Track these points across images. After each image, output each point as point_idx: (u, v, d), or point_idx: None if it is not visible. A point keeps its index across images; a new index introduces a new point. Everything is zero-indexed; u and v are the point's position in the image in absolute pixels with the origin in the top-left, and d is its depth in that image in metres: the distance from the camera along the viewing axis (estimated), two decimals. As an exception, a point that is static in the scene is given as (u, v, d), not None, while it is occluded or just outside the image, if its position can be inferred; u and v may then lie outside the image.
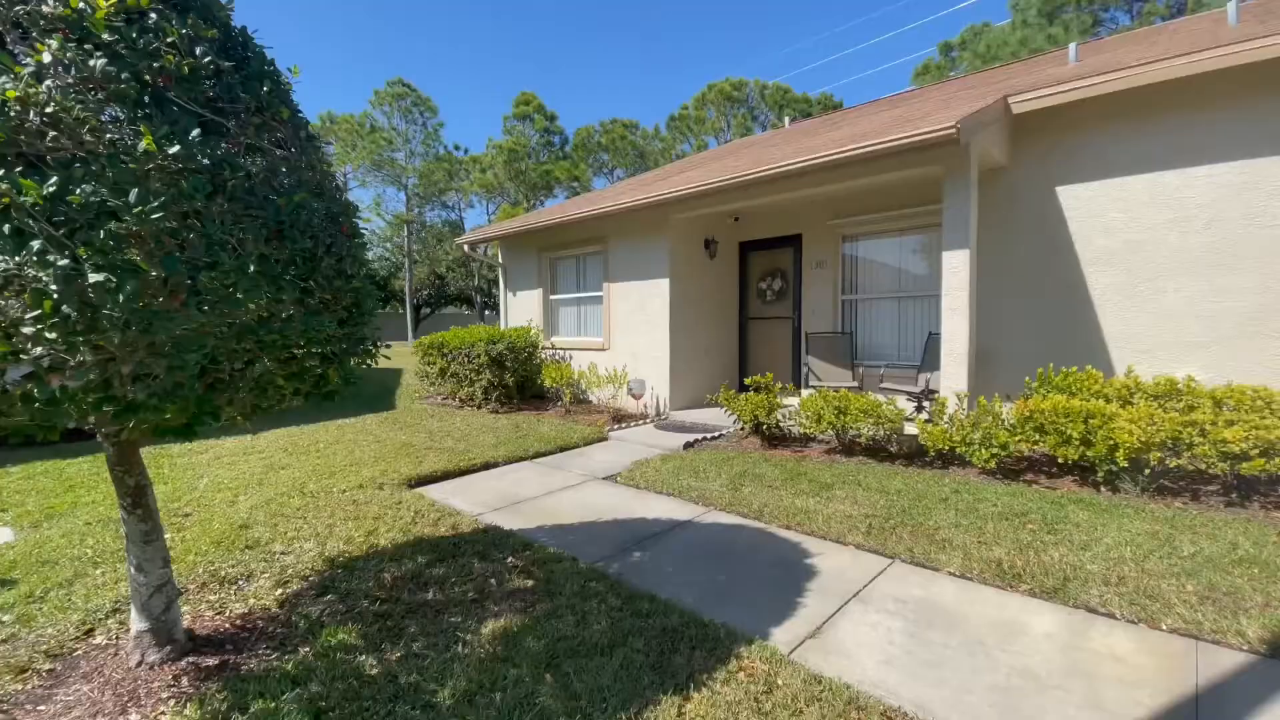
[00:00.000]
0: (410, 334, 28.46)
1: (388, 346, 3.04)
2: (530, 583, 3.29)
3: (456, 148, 30.62)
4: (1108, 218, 5.91)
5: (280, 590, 3.31)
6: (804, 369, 7.22)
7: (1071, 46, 7.24)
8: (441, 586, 3.25)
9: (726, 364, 8.94)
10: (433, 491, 5.09)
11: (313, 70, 49.57)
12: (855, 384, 6.98)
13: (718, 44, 59.30)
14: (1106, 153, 5.88)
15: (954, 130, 4.73)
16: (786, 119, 14.44)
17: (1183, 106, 5.46)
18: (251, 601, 3.22)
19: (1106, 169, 5.89)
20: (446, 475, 5.53)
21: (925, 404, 6.21)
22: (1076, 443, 4.30)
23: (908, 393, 6.30)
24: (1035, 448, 4.60)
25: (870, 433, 5.22)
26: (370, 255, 35.59)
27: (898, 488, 4.50)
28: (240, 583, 3.42)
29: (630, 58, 64.67)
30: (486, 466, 5.84)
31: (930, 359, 6.70)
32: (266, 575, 3.47)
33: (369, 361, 2.65)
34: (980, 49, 20.57)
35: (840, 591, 3.17)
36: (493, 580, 3.31)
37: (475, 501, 4.81)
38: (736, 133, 26.90)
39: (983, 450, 4.64)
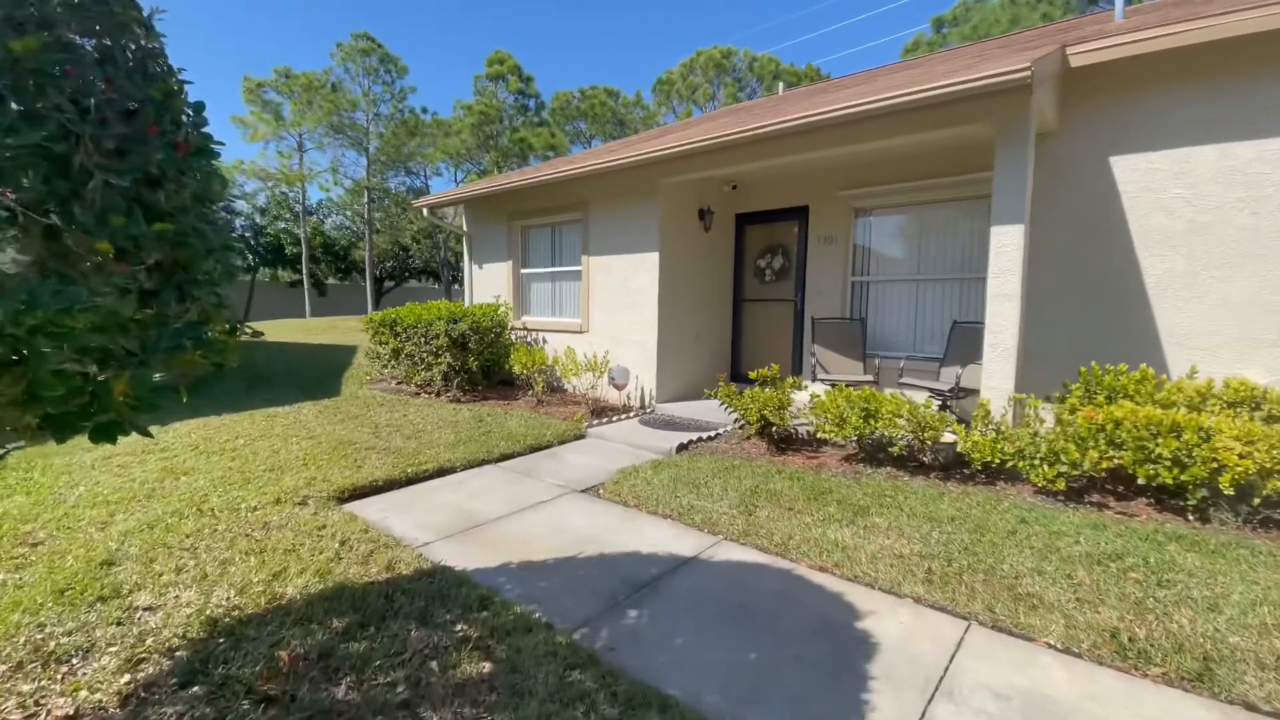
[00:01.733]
0: (370, 308, 26.81)
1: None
2: (488, 667, 2.34)
3: (423, 110, 28.71)
4: (1169, 194, 5.13)
5: (128, 676, 2.31)
6: (811, 359, 6.36)
7: (1118, 3, 6.45)
8: (360, 673, 2.28)
9: (718, 351, 8.04)
10: (370, 509, 4.08)
11: (273, 23, 46.38)
12: (870, 378, 6.15)
13: (702, 15, 57.34)
14: (1170, 118, 5.08)
15: (1027, 74, 3.84)
16: (781, 85, 13.46)
17: (1263, 65, 4.67)
18: (81, 696, 2.22)
19: (1170, 137, 5.10)
20: (390, 485, 4.52)
21: (952, 404, 5.42)
22: (1167, 463, 3.51)
23: (934, 390, 5.49)
24: (1103, 465, 3.80)
25: (905, 441, 4.37)
26: (329, 224, 33.65)
27: (949, 514, 3.67)
28: (74, 661, 2.41)
29: (612, 24, 62.27)
30: (441, 472, 4.84)
31: (955, 351, 5.90)
32: (115, 649, 2.46)
33: (220, 361, 1.62)
34: (973, 24, 19.80)
35: (916, 680, 2.31)
36: (434, 663, 2.35)
37: (423, 524, 3.82)
38: (726, 102, 25.71)
39: (1046, 468, 3.84)
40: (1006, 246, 4.60)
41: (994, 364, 4.69)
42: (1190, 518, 3.62)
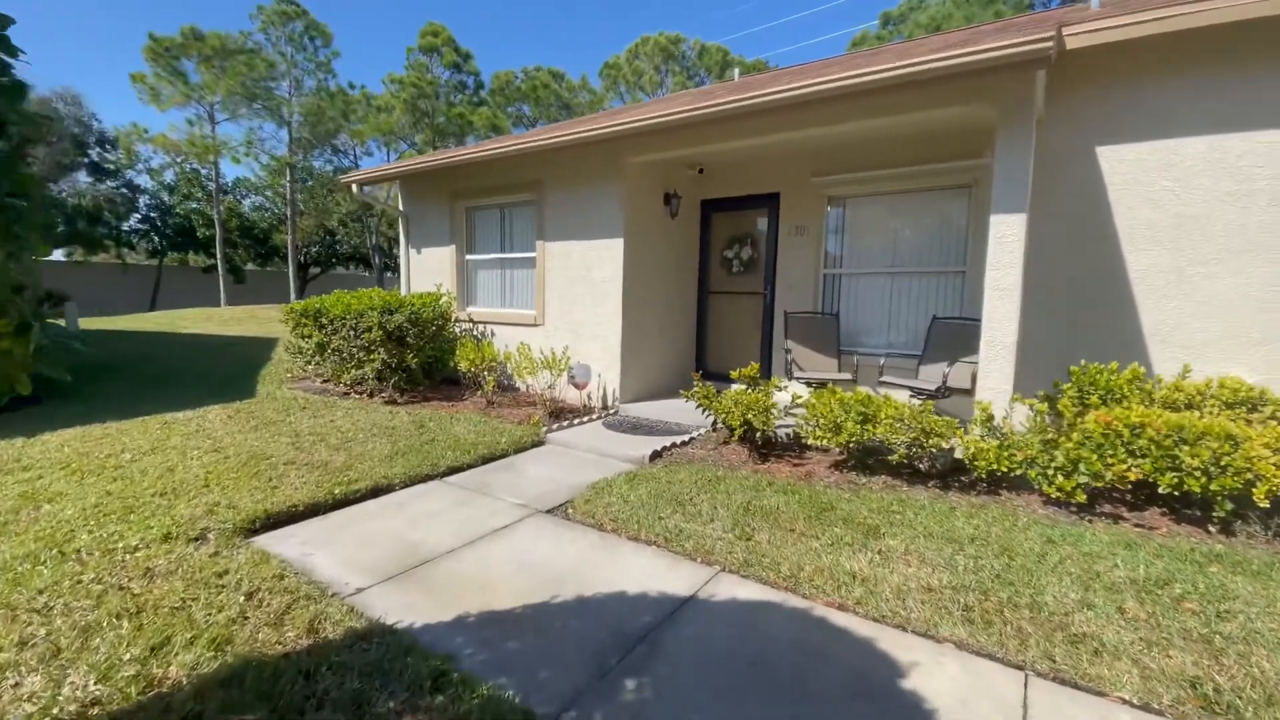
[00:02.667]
0: (294, 296, 24.86)
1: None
2: (449, 787, 1.73)
3: (351, 86, 26.74)
4: (1157, 186, 4.97)
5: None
6: (787, 356, 5.95)
7: (1091, -8, 6.34)
8: (265, 812, 1.62)
9: (683, 347, 7.54)
10: (287, 543, 3.33)
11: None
12: (849, 376, 5.79)
13: (649, 2, 56.56)
14: (1160, 108, 4.90)
15: (1049, 45, 3.48)
16: (736, 71, 13.04)
17: (1257, 56, 4.54)
18: None
19: (1159, 128, 4.92)
20: (313, 510, 3.76)
21: (934, 405, 5.11)
22: (1197, 473, 3.24)
23: (919, 390, 5.18)
24: (1132, 475, 3.50)
25: (906, 450, 3.98)
26: (247, 205, 31.04)
27: (967, 533, 3.29)
28: None
29: (556, 6, 60.55)
30: (376, 492, 4.10)
31: (936, 348, 5.62)
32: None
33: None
34: (923, 20, 20.09)
35: (998, 767, 1.86)
36: (374, 787, 1.71)
37: (355, 562, 3.12)
38: (674, 89, 25.17)
39: (1062, 479, 3.52)
40: (1007, 238, 4.28)
41: (992, 363, 4.38)
42: (1212, 530, 3.38)
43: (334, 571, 3.02)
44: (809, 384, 5.82)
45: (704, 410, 4.91)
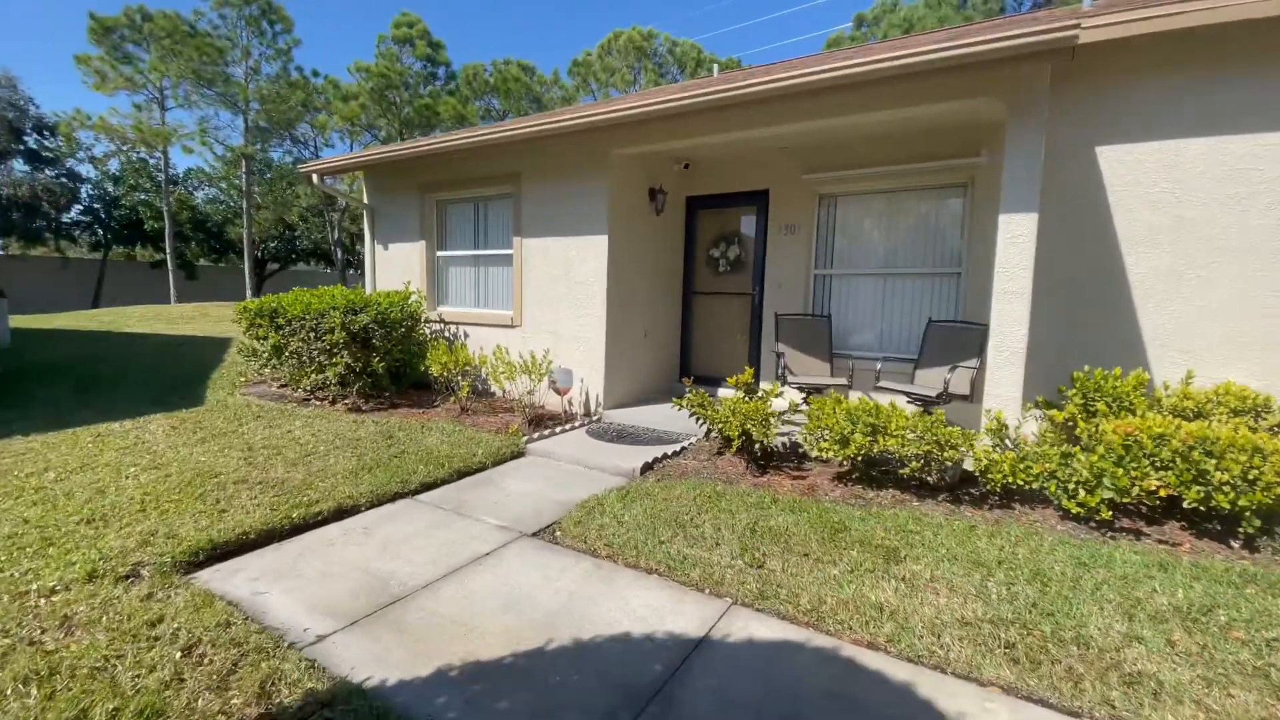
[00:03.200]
0: (250, 294, 23.70)
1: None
2: None
3: (315, 74, 25.64)
4: (1157, 188, 4.86)
5: None
6: (779, 360, 5.69)
7: (1082, -9, 6.27)
8: None
9: (668, 350, 7.23)
10: (237, 578, 2.90)
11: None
12: (843, 381, 5.57)
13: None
14: (1161, 108, 4.80)
15: (1074, 33, 3.27)
16: (715, 67, 12.78)
17: (1260, 57, 4.45)
18: None
19: (1160, 128, 4.82)
20: (267, 537, 3.33)
21: (933, 412, 4.92)
22: (1226, 488, 3.07)
23: (917, 396, 4.98)
24: (1163, 492, 3.32)
25: (919, 464, 3.75)
26: (200, 197, 29.56)
27: (993, 556, 3.06)
28: None
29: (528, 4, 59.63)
30: (340, 514, 3.68)
31: (932, 353, 5.44)
32: None
33: None
34: (896, 22, 20.23)
35: None
36: None
37: (316, 602, 2.72)
38: (647, 87, 24.84)
39: (1084, 493, 3.32)
40: (1019, 238, 4.09)
41: (1000, 370, 4.19)
42: (1234, 545, 3.23)
43: (291, 614, 2.62)
44: (801, 389, 5.59)
45: (698, 419, 4.61)
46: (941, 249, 5.83)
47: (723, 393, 6.55)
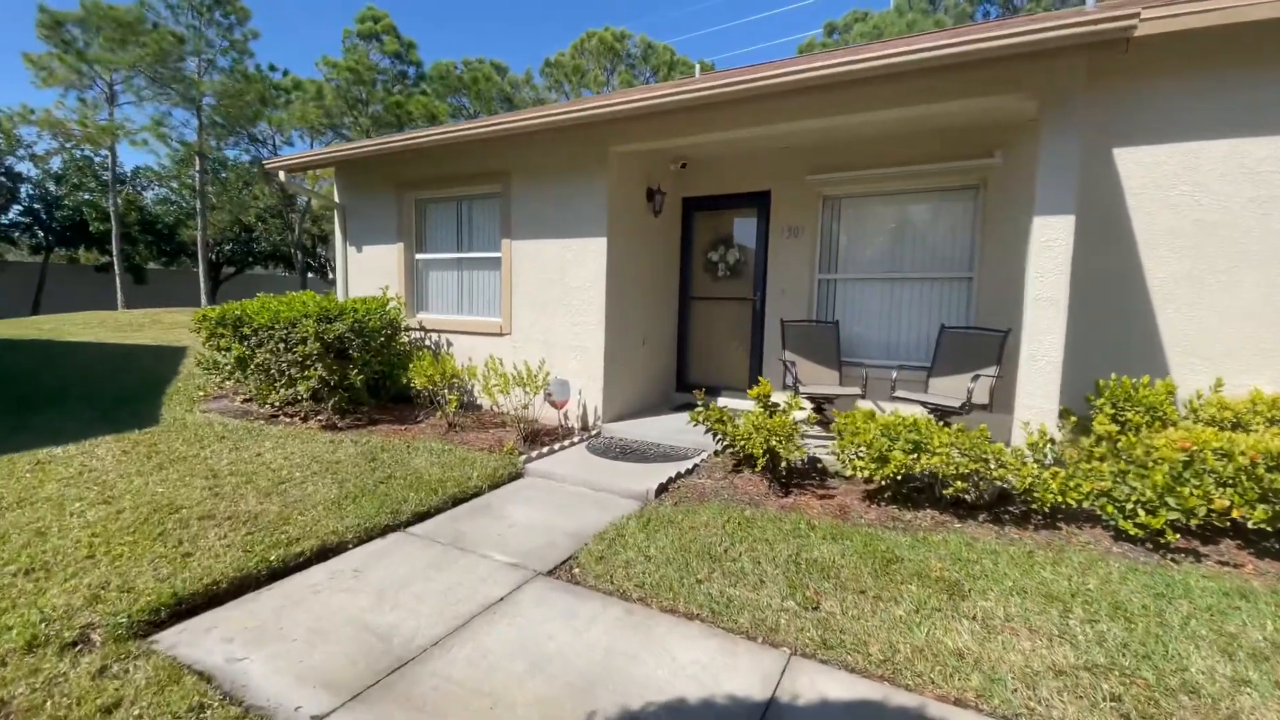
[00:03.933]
0: (205, 300, 22.49)
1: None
2: None
3: (272, 69, 24.56)
4: (1176, 191, 4.76)
5: None
6: (789, 369, 5.41)
7: (1083, -9, 6.18)
8: None
9: (665, 359, 6.90)
10: (207, 642, 2.45)
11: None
12: (857, 390, 5.31)
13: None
14: (1181, 110, 4.70)
15: (1133, 22, 3.06)
16: (697, 69, 12.58)
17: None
18: None
19: (1179, 130, 4.71)
20: (242, 586, 2.86)
21: (953, 422, 4.70)
22: (1303, 508, 2.89)
23: (938, 406, 4.75)
24: (1235, 513, 3.11)
25: (962, 483, 3.48)
26: (149, 197, 28.03)
27: (1063, 587, 2.80)
28: None
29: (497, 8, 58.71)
30: (324, 554, 3.23)
31: (946, 360, 5.23)
32: None
33: None
34: (866, 29, 20.38)
35: None
36: None
37: (305, 670, 2.29)
38: (621, 87, 24.52)
39: (1144, 513, 3.10)
40: (1054, 242, 3.88)
41: (1033, 380, 3.98)
42: (1300, 566, 3.05)
43: (278, 688, 2.18)
44: (811, 399, 5.32)
45: (716, 435, 4.28)
46: (952, 253, 5.64)
47: (724, 402, 6.26)
